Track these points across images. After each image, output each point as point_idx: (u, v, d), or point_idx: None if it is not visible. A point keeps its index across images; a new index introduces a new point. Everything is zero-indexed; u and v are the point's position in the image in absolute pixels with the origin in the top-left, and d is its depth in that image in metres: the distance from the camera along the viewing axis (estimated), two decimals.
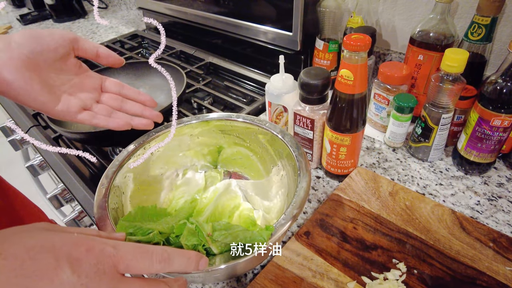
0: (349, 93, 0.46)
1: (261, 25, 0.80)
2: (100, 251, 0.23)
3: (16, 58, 0.35)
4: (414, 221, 0.46)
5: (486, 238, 0.44)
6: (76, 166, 0.67)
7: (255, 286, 0.40)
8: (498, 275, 0.40)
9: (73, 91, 0.41)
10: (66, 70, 0.40)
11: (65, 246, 0.22)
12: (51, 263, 0.21)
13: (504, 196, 0.52)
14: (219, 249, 0.33)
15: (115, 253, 0.23)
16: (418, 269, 0.41)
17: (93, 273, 0.22)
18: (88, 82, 0.43)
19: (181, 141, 0.53)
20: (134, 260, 0.24)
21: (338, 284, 0.40)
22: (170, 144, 0.51)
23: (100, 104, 0.43)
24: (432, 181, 0.56)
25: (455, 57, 0.48)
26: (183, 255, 0.28)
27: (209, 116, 0.52)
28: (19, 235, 0.22)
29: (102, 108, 0.43)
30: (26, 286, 0.19)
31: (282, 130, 0.48)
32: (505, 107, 0.47)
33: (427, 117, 0.55)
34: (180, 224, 0.34)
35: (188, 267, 0.28)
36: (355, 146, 0.51)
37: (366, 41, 0.42)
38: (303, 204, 0.37)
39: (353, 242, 0.44)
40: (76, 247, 0.22)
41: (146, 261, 0.25)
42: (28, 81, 0.35)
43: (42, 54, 0.37)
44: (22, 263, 0.20)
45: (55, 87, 0.39)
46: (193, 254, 0.29)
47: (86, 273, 0.21)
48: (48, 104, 0.38)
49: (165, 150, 0.51)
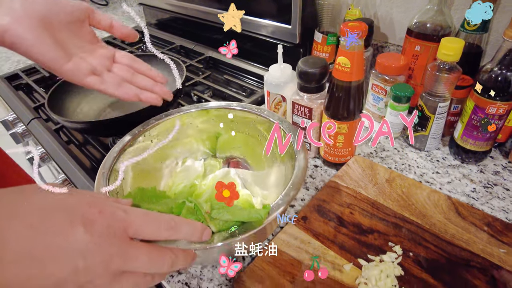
0: (346, 80, 0.47)
1: (261, 19, 0.81)
2: (112, 214, 0.24)
3: (31, 14, 0.36)
4: (410, 207, 0.47)
5: (481, 222, 0.44)
6: (78, 157, 0.67)
7: (253, 269, 0.41)
8: (492, 257, 0.40)
9: (85, 56, 0.41)
10: (80, 36, 0.41)
11: (80, 207, 0.23)
12: (66, 222, 0.22)
13: (500, 184, 0.53)
14: (217, 227, 0.34)
15: (125, 217, 0.24)
16: (413, 251, 0.42)
17: (105, 234, 0.23)
18: (101, 51, 0.43)
19: (180, 130, 0.53)
20: (143, 225, 0.25)
21: (335, 266, 0.41)
22: (169, 133, 0.52)
23: (110, 73, 0.43)
24: (429, 170, 0.56)
25: (451, 45, 0.49)
26: (190, 224, 0.28)
27: (208, 104, 0.53)
28: (37, 195, 0.23)
29: (112, 77, 0.42)
30: (43, 241, 0.20)
31: (280, 117, 0.49)
32: (500, 94, 0.48)
33: (424, 106, 0.55)
34: (179, 203, 0.35)
35: (193, 236, 0.29)
36: (352, 134, 0.52)
37: (363, 28, 0.43)
38: (300, 186, 0.38)
39: (350, 226, 0.45)
40: (89, 209, 0.23)
41: (154, 227, 0.25)
42: (40, 36, 0.36)
43: (58, 15, 0.38)
44: (40, 221, 0.21)
45: (67, 48, 0.39)
46: (199, 225, 0.29)
47: (98, 233, 0.22)
48: (58, 60, 0.38)
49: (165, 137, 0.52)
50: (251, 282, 0.39)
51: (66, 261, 0.21)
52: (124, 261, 0.23)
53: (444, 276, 0.39)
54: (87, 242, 0.22)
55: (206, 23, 0.96)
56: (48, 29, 0.37)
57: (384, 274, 0.39)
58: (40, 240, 0.21)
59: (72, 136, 0.75)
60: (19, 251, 0.20)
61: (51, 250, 0.21)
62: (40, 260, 0.20)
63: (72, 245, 0.21)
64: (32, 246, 0.20)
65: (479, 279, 0.39)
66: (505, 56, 0.47)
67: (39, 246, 0.20)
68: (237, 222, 0.34)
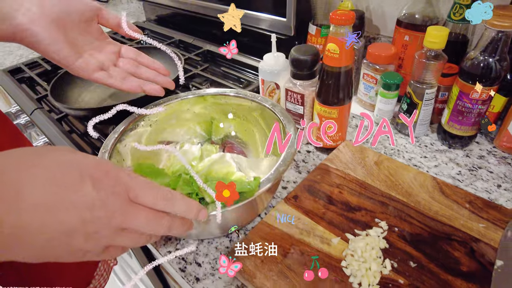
0: (336, 65, 0.49)
1: (257, 12, 0.83)
2: (116, 176, 0.26)
3: (47, 14, 0.39)
4: (397, 187, 0.49)
5: (463, 200, 0.47)
6: (80, 145, 0.70)
7: (246, 242, 0.43)
8: (472, 231, 0.43)
9: (93, 53, 0.45)
10: (89, 33, 0.44)
11: (89, 166, 0.25)
12: (76, 178, 0.24)
13: (484, 167, 0.55)
14: (211, 198, 0.36)
15: (128, 181, 0.26)
16: (398, 227, 0.44)
17: (109, 193, 0.25)
18: (108, 47, 0.47)
19: (178, 115, 0.56)
20: (143, 191, 0.27)
21: (323, 240, 0.43)
22: (167, 119, 0.54)
23: (116, 67, 0.47)
24: (417, 154, 0.58)
25: (436, 33, 0.51)
26: (185, 201, 0.30)
27: (205, 91, 0.55)
28: (54, 152, 0.25)
29: (118, 71, 0.46)
30: (55, 192, 0.23)
31: (273, 102, 0.51)
32: (483, 80, 0.50)
33: (412, 93, 0.58)
34: (176, 176, 0.37)
35: (188, 213, 0.31)
36: (342, 119, 0.54)
37: (350, 16, 0.45)
38: (289, 163, 0.40)
39: (339, 204, 0.47)
40: (97, 169, 0.25)
41: (152, 195, 0.28)
42: (54, 35, 0.40)
43: (70, 14, 0.41)
44: (55, 174, 0.24)
45: (78, 45, 0.43)
46: (195, 203, 0.31)
47: (104, 191, 0.25)
48: (70, 58, 0.42)
49: (162, 125, 0.54)
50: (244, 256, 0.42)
51: (75, 212, 0.23)
52: (125, 218, 0.26)
53: (426, 249, 0.41)
54: (93, 198, 0.24)
55: (204, 17, 0.98)
56: (61, 28, 0.41)
57: (369, 246, 0.41)
58: (54, 192, 0.23)
59: (74, 126, 0.78)
60: (35, 200, 0.22)
61: (63, 202, 0.23)
62: (53, 209, 0.23)
63: (81, 199, 0.24)
64: (46, 196, 0.23)
65: (458, 251, 0.41)
66: (489, 44, 0.49)
67: (53, 197, 0.23)
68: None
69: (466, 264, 0.39)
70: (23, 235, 0.22)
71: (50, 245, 0.24)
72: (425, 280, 0.38)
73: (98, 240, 0.25)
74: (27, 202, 0.22)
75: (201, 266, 0.44)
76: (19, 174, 0.23)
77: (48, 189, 0.23)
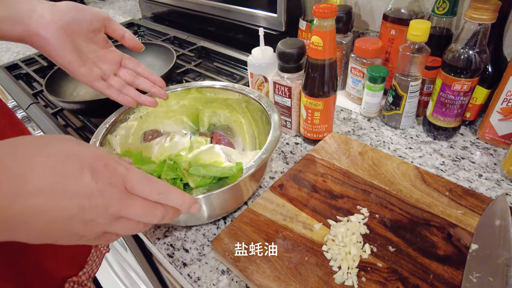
0: (320, 58, 0.50)
1: (249, 8, 0.84)
2: (114, 168, 0.28)
3: (57, 21, 0.42)
4: (380, 176, 0.51)
5: (444, 189, 0.48)
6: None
7: (232, 228, 0.44)
8: (450, 217, 0.44)
9: (97, 61, 0.47)
10: (95, 42, 0.47)
11: (89, 158, 0.27)
12: (77, 168, 0.26)
13: (467, 158, 0.56)
14: (196, 183, 0.37)
15: (126, 173, 0.28)
16: (379, 214, 0.45)
17: (107, 183, 0.27)
18: (111, 56, 0.49)
19: (168, 107, 0.57)
20: (139, 184, 0.29)
21: (306, 225, 0.44)
22: (158, 111, 0.56)
23: (116, 77, 0.50)
24: (402, 146, 0.60)
25: (418, 26, 0.53)
26: (180, 194, 0.32)
27: (192, 84, 0.57)
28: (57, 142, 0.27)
29: (117, 81, 0.49)
30: (57, 181, 0.25)
31: (260, 94, 0.52)
32: (464, 72, 0.51)
33: (397, 85, 0.59)
34: (161, 162, 0.38)
35: (182, 206, 0.32)
36: (328, 111, 0.56)
37: (333, 9, 0.47)
38: (271, 151, 0.41)
39: (322, 192, 0.49)
40: (97, 160, 0.27)
41: (148, 188, 0.29)
42: (62, 42, 0.42)
43: (79, 23, 0.44)
44: (57, 163, 0.25)
45: (83, 53, 0.46)
46: (188, 197, 0.32)
47: (102, 182, 0.26)
48: (74, 64, 0.44)
49: (151, 117, 0.56)
50: (228, 240, 0.43)
51: (75, 200, 0.25)
52: (121, 207, 0.27)
53: (406, 234, 0.43)
54: (92, 188, 0.26)
55: (199, 14, 1.00)
56: (69, 36, 0.43)
57: (350, 231, 0.43)
58: (57, 181, 0.25)
59: (70, 120, 0.79)
60: (40, 187, 0.24)
61: (64, 190, 0.25)
62: (55, 196, 0.25)
63: (81, 188, 0.25)
64: (50, 184, 0.24)
65: (436, 236, 0.42)
66: (468, 37, 0.50)
67: (55, 186, 0.25)
68: (214, 178, 0.38)
69: (442, 248, 0.41)
70: (27, 218, 0.24)
71: (50, 228, 0.25)
72: (403, 264, 0.40)
73: (94, 226, 0.27)
74: (32, 188, 0.24)
75: (189, 252, 0.46)
76: (24, 162, 0.24)
77: (51, 178, 0.25)
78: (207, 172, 0.37)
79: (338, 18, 0.66)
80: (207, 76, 0.86)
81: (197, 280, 0.43)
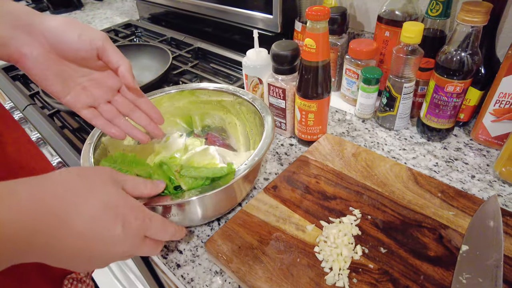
0: (313, 60, 0.50)
1: (245, 10, 0.85)
2: (142, 220, 0.33)
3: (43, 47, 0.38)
4: (373, 177, 0.51)
5: (436, 190, 0.48)
6: (72, 141, 0.71)
7: (225, 229, 0.45)
8: (442, 218, 0.44)
9: (90, 85, 0.42)
10: (88, 66, 0.41)
11: (124, 209, 0.32)
12: (112, 218, 0.30)
13: (460, 159, 0.57)
14: (188, 185, 0.38)
15: (149, 224, 0.34)
16: (372, 215, 0.46)
17: (132, 235, 0.32)
18: (109, 81, 0.43)
19: (162, 110, 0.57)
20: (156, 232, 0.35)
21: (299, 227, 0.45)
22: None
23: (109, 105, 0.44)
24: (396, 147, 0.60)
25: (411, 28, 0.53)
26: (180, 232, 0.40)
27: (187, 86, 0.57)
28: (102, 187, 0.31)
29: (108, 110, 0.43)
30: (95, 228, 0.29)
31: (254, 96, 0.53)
32: (457, 74, 0.52)
33: (391, 87, 0.59)
34: (156, 164, 0.39)
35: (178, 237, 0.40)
36: (322, 113, 0.56)
37: (325, 11, 0.47)
38: (264, 153, 0.42)
39: (315, 193, 0.49)
40: (130, 212, 0.32)
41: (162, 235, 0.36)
42: (44, 70, 0.38)
43: (64, 52, 0.39)
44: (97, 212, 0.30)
45: (70, 78, 0.40)
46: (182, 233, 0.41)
47: (129, 233, 0.32)
48: (58, 94, 0.40)
49: None
50: (222, 241, 0.43)
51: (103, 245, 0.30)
52: (136, 251, 0.34)
53: (397, 235, 0.43)
54: (120, 238, 0.31)
55: (196, 15, 1.00)
56: (53, 63, 0.39)
57: (342, 233, 0.43)
58: (95, 227, 0.29)
59: (66, 122, 0.79)
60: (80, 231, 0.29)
61: (98, 235, 0.30)
62: (90, 239, 0.29)
63: (111, 237, 0.31)
64: (89, 229, 0.29)
65: (428, 237, 0.43)
66: (461, 39, 0.50)
67: (93, 231, 0.29)
68: (207, 179, 0.38)
69: (433, 249, 0.41)
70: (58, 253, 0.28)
71: (73, 260, 0.30)
72: (394, 265, 0.40)
73: (109, 262, 0.33)
74: (74, 233, 0.28)
75: (182, 253, 0.46)
76: (71, 208, 0.28)
77: (90, 225, 0.29)
78: (199, 173, 0.38)
79: (333, 19, 0.66)
80: (204, 77, 0.86)
81: (190, 281, 0.43)
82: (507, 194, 0.50)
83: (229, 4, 0.88)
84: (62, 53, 0.39)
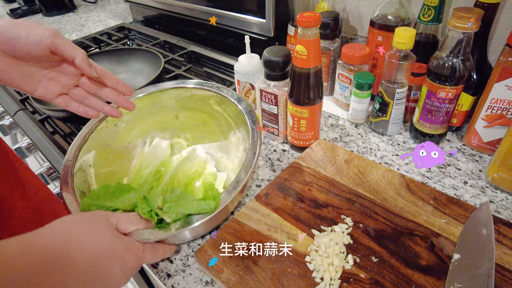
0: (305, 67, 0.50)
1: (238, 13, 0.84)
2: (138, 257, 0.37)
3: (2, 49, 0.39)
4: (365, 184, 0.51)
5: (428, 197, 0.48)
6: (63, 146, 0.71)
7: (216, 239, 0.44)
8: (434, 226, 0.44)
9: (55, 75, 0.44)
10: (48, 61, 0.43)
11: (121, 250, 0.35)
12: (111, 261, 0.34)
13: (453, 164, 0.57)
14: (172, 218, 0.38)
15: (144, 257, 0.38)
16: (363, 223, 0.45)
17: (129, 273, 0.36)
18: (71, 68, 0.44)
19: (144, 110, 0.57)
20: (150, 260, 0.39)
21: (290, 236, 0.44)
22: (135, 114, 0.55)
23: (77, 88, 0.46)
24: (389, 152, 0.60)
25: (403, 34, 0.53)
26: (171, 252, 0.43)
27: (165, 85, 0.57)
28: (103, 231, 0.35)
29: (78, 93, 0.46)
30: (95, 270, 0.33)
31: (239, 96, 0.52)
32: (449, 80, 0.52)
33: (384, 92, 0.59)
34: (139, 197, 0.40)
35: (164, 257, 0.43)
36: (314, 119, 0.56)
37: (316, 18, 0.47)
38: (249, 170, 0.42)
39: (307, 201, 0.48)
40: (127, 251, 0.36)
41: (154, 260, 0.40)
42: (8, 75, 0.41)
43: (19, 51, 0.40)
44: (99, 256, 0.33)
45: (35, 74, 0.43)
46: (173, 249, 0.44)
47: (126, 271, 0.35)
48: (29, 90, 0.43)
49: (131, 120, 0.56)
50: (212, 251, 0.43)
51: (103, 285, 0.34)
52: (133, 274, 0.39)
53: (389, 244, 0.43)
54: (118, 276, 0.35)
55: (189, 19, 0.99)
56: (14, 65, 0.41)
57: (333, 242, 0.42)
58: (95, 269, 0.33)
59: (57, 127, 0.78)
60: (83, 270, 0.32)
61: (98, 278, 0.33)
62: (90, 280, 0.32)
63: (110, 277, 0.34)
64: (90, 270, 0.32)
65: (419, 245, 0.42)
66: (452, 45, 0.50)
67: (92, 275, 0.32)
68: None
69: (425, 258, 0.41)
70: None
71: None
72: (385, 274, 0.40)
73: None
74: (77, 272, 0.31)
75: (173, 263, 0.46)
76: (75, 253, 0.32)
77: (91, 267, 0.32)
78: (183, 210, 0.38)
79: (325, 24, 0.66)
80: None
81: None
82: (499, 200, 0.50)
83: (222, 8, 0.88)
84: (16, 55, 0.40)
